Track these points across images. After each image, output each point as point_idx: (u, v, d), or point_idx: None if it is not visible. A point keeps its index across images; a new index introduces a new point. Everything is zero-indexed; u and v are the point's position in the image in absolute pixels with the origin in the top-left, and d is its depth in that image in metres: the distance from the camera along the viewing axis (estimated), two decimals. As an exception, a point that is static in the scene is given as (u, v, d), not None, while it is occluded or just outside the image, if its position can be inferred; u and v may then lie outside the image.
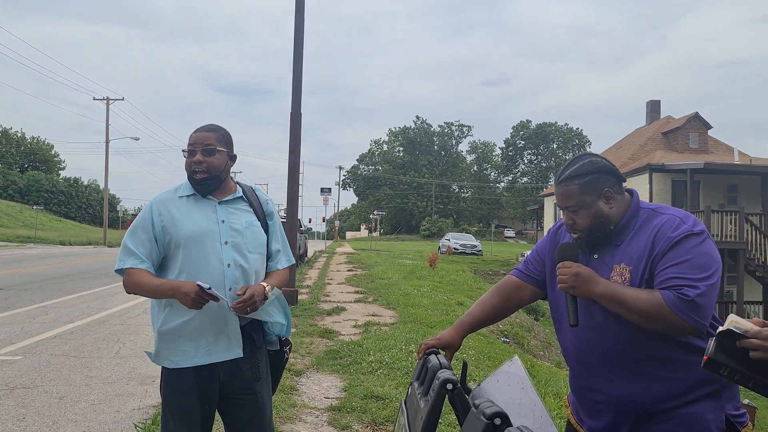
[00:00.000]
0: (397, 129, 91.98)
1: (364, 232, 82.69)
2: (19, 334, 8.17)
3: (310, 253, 31.12)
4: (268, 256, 2.70)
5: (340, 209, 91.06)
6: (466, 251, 38.35)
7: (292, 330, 8.74)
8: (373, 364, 6.56)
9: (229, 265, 2.51)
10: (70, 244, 37.39)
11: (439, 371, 1.84)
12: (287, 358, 2.79)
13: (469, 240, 41.33)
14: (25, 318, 9.38)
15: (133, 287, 2.48)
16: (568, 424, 2.17)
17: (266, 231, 2.68)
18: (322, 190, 36.72)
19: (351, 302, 12.04)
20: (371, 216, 50.78)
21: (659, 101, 34.66)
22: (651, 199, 24.33)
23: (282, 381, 5.64)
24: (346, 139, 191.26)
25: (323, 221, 62.38)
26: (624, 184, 2.07)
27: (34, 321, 9.13)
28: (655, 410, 1.88)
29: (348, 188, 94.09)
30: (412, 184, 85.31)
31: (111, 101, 42.15)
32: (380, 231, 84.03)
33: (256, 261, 2.61)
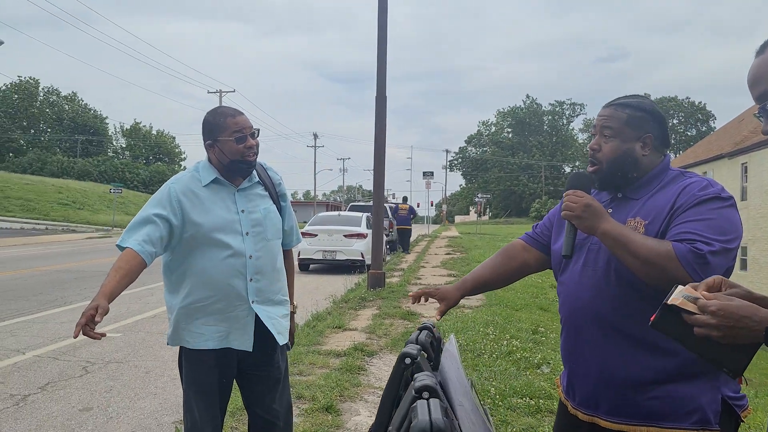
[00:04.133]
0: (506, 109, 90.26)
1: (473, 216, 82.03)
2: (124, 313, 8.84)
3: (412, 237, 31.32)
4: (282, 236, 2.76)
5: (448, 193, 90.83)
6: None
7: (375, 312, 8.88)
8: (446, 346, 6.53)
9: (251, 257, 2.56)
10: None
11: (407, 345, 1.82)
12: None
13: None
14: (132, 299, 10.11)
15: (117, 261, 2.36)
16: (560, 402, 2.07)
17: (279, 212, 2.73)
18: (425, 174, 36.69)
19: (441, 285, 11.98)
20: (476, 199, 50.22)
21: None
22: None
23: (352, 361, 5.85)
24: (454, 122, 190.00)
25: (431, 205, 62.42)
26: (666, 150, 1.93)
27: (140, 301, 9.84)
28: (642, 383, 1.75)
29: (455, 170, 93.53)
30: (521, 165, 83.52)
31: (223, 93, 44.26)
32: (489, 214, 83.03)
33: (275, 247, 2.68)
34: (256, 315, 2.59)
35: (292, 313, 2.84)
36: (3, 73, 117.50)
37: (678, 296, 1.31)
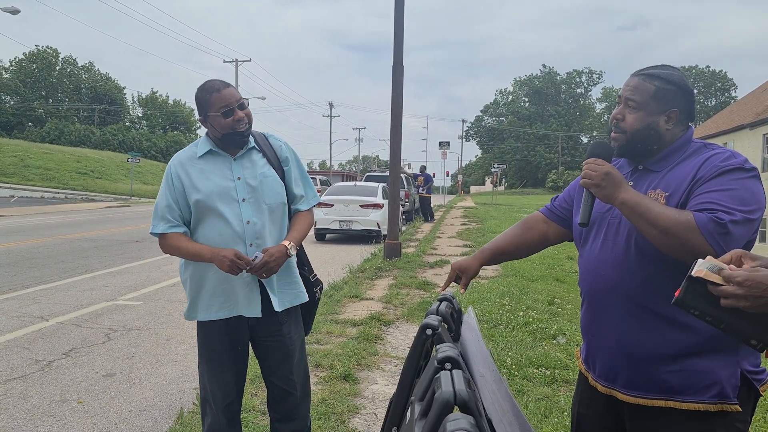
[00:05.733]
0: (523, 78, 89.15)
1: (488, 186, 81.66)
2: (144, 281, 8.97)
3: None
4: (291, 200, 2.75)
5: (464, 163, 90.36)
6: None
7: (391, 282, 8.93)
8: (462, 316, 6.56)
9: (248, 222, 2.59)
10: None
11: (428, 317, 1.83)
12: (319, 298, 2.89)
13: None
14: (152, 267, 10.26)
15: (170, 249, 2.62)
16: (580, 374, 2.08)
17: (284, 178, 2.73)
18: (441, 143, 36.51)
19: (457, 255, 12.02)
20: (492, 170, 49.97)
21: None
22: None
23: (369, 330, 5.90)
24: (471, 92, 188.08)
25: (447, 176, 62.15)
26: (690, 123, 1.91)
27: (160, 270, 9.97)
28: (661, 358, 1.75)
29: (471, 140, 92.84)
30: (538, 135, 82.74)
31: (240, 63, 44.10)
32: (504, 185, 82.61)
33: (276, 212, 2.67)
34: (260, 280, 2.62)
35: (285, 247, 2.61)
36: (21, 42, 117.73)
37: (702, 268, 1.30)
